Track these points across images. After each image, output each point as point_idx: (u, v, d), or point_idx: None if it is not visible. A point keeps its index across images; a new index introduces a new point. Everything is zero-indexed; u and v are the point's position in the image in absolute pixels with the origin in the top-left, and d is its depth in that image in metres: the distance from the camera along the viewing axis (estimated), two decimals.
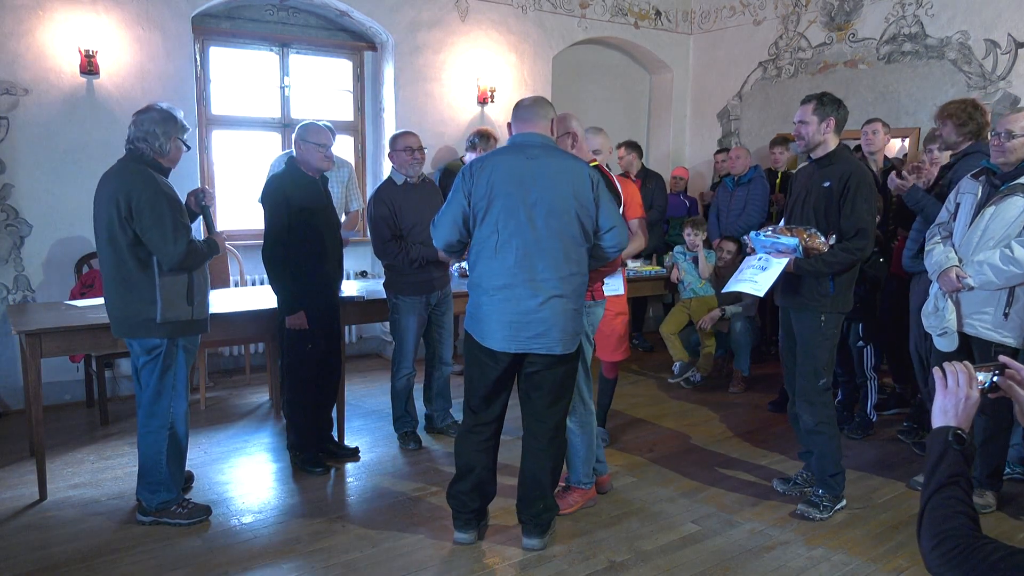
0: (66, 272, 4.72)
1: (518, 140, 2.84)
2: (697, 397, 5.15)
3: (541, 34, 6.36)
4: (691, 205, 6.60)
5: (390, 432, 4.27)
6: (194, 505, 3.24)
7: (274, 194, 3.51)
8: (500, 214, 2.71)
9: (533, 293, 2.72)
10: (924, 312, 3.50)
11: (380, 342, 6.23)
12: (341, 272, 3.84)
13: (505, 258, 2.73)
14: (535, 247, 2.70)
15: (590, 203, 2.75)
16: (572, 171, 2.75)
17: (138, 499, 3.20)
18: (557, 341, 2.77)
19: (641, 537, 3.12)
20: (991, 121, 3.91)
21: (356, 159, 6.07)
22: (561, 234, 2.72)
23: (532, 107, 2.86)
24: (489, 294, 2.77)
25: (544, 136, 2.83)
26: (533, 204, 2.69)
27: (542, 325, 2.73)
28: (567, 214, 2.71)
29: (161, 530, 3.13)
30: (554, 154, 2.79)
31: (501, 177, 2.72)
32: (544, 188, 2.70)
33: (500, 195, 2.71)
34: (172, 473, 3.17)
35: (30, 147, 4.55)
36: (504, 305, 2.74)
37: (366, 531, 3.16)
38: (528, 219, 2.70)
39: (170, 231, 2.91)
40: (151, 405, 3.10)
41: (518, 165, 2.73)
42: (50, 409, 4.46)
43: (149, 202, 2.89)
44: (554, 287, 2.72)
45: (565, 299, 2.76)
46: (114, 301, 3.01)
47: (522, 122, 2.86)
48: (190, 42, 5.01)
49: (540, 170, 2.72)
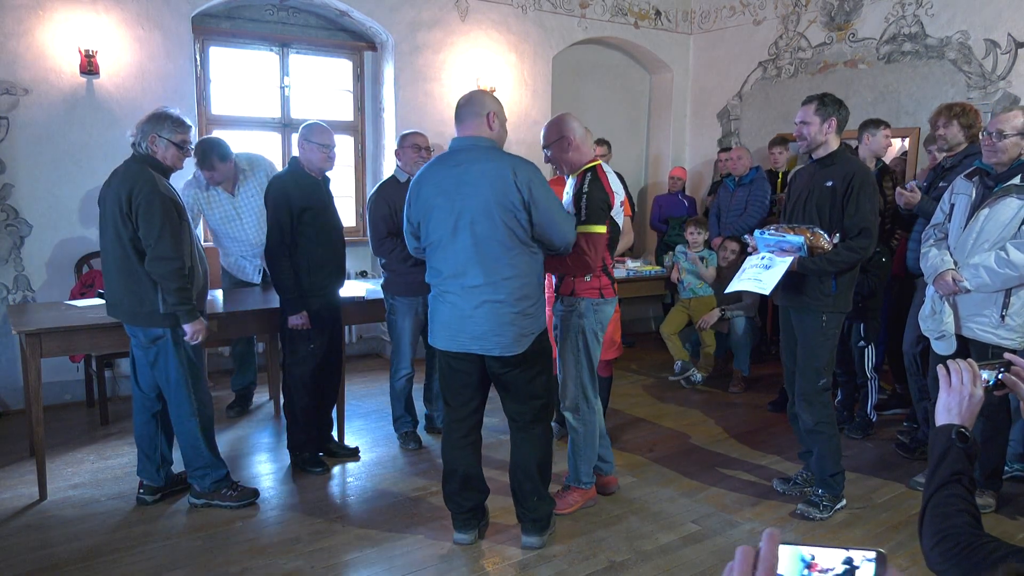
0: (66, 272, 4.72)
1: (452, 146, 2.85)
2: (697, 397, 5.15)
3: (541, 34, 6.36)
4: (690, 205, 6.60)
5: (390, 432, 4.27)
6: (243, 488, 3.40)
7: (277, 194, 3.51)
8: (432, 226, 2.79)
9: (466, 299, 2.76)
10: (921, 315, 3.50)
11: (380, 342, 6.23)
12: (343, 272, 3.84)
13: (440, 266, 2.81)
14: (464, 255, 2.73)
15: (517, 205, 2.68)
16: (494, 175, 2.69)
17: (190, 484, 3.36)
18: (495, 344, 2.78)
19: (641, 537, 3.12)
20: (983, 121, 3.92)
21: (356, 159, 6.07)
22: (488, 240, 2.71)
23: (464, 107, 2.83)
24: (435, 297, 2.88)
25: (475, 138, 2.79)
26: (459, 213, 2.72)
27: (477, 328, 2.77)
28: (490, 219, 2.69)
29: (161, 530, 3.13)
30: (479, 158, 2.73)
31: (430, 190, 2.78)
32: (467, 195, 2.70)
33: (432, 207, 2.77)
34: (213, 453, 3.33)
35: (30, 147, 4.55)
36: (443, 308, 2.83)
37: (366, 531, 3.16)
38: (455, 229, 2.73)
39: (156, 229, 3.01)
40: (176, 394, 3.22)
41: (444, 175, 2.77)
42: (50, 409, 4.46)
43: (145, 199, 3.00)
44: (486, 293, 2.74)
45: (501, 304, 2.74)
46: (121, 292, 3.12)
47: (457, 125, 2.86)
48: (190, 42, 5.01)
49: (463, 177, 2.72)
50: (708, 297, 5.36)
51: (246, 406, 4.75)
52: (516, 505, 3.03)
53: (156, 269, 3.03)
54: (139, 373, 3.31)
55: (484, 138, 2.80)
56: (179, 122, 3.12)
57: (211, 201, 4.23)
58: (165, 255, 3.02)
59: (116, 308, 3.18)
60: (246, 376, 4.72)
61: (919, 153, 5.40)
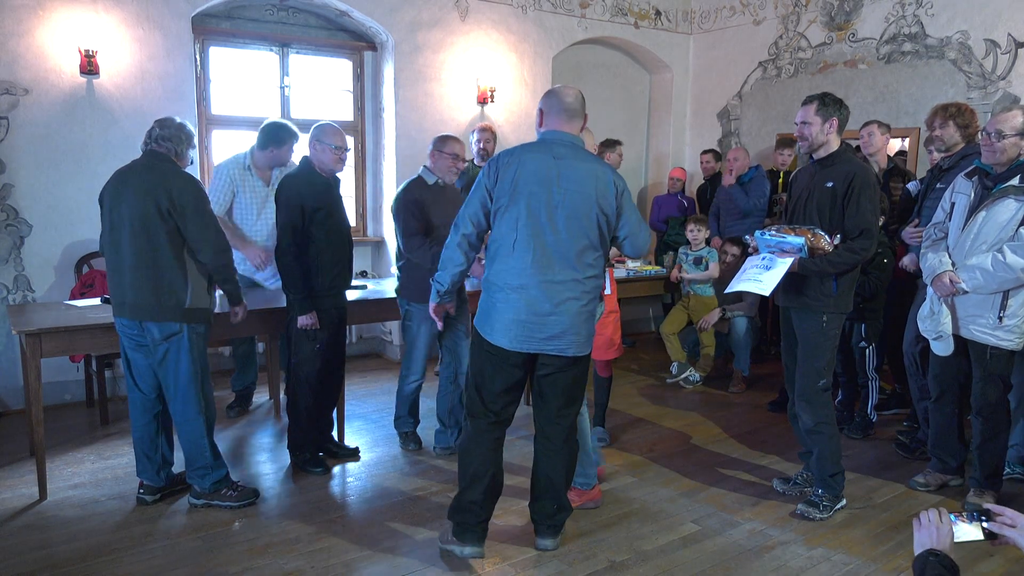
0: (66, 272, 4.72)
1: (548, 137, 2.77)
2: (697, 397, 5.15)
3: (541, 34, 6.36)
4: (688, 205, 6.61)
5: (390, 432, 4.27)
6: (243, 488, 3.40)
7: (288, 195, 3.50)
8: (521, 212, 2.67)
9: (549, 295, 2.68)
10: (920, 316, 3.50)
11: (380, 342, 6.23)
12: (351, 273, 3.82)
13: (523, 257, 2.68)
14: (554, 249, 2.66)
15: (612, 210, 2.72)
16: (598, 176, 2.70)
17: (190, 484, 3.35)
18: (571, 343, 2.74)
19: (641, 537, 3.12)
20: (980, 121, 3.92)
21: (356, 159, 6.07)
22: (581, 237, 2.68)
23: (574, 106, 2.77)
24: (504, 292, 2.71)
25: (575, 136, 2.77)
26: (556, 205, 2.65)
27: (557, 327, 2.70)
28: (588, 218, 2.68)
29: (161, 530, 3.13)
30: (581, 156, 2.73)
31: (526, 175, 2.67)
32: (568, 190, 2.66)
33: (523, 193, 2.66)
34: (215, 452, 3.35)
35: (30, 147, 4.55)
36: (519, 305, 2.69)
37: (366, 531, 3.16)
38: (549, 220, 2.66)
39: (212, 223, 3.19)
40: (186, 392, 3.23)
41: (544, 164, 2.68)
42: (50, 409, 4.47)
43: (193, 196, 3.12)
44: (570, 290, 2.69)
45: (580, 302, 2.73)
46: (141, 286, 3.13)
47: (558, 118, 2.77)
48: (190, 42, 5.01)
49: (566, 171, 2.67)
50: (708, 297, 5.36)
51: (246, 406, 4.75)
52: (534, 510, 2.99)
53: (218, 261, 3.20)
54: (139, 375, 3.30)
55: (581, 139, 2.80)
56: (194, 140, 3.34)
57: (245, 183, 4.20)
58: (223, 247, 3.21)
59: (129, 307, 3.16)
60: (247, 376, 4.72)
61: (919, 153, 5.40)
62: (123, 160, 3.34)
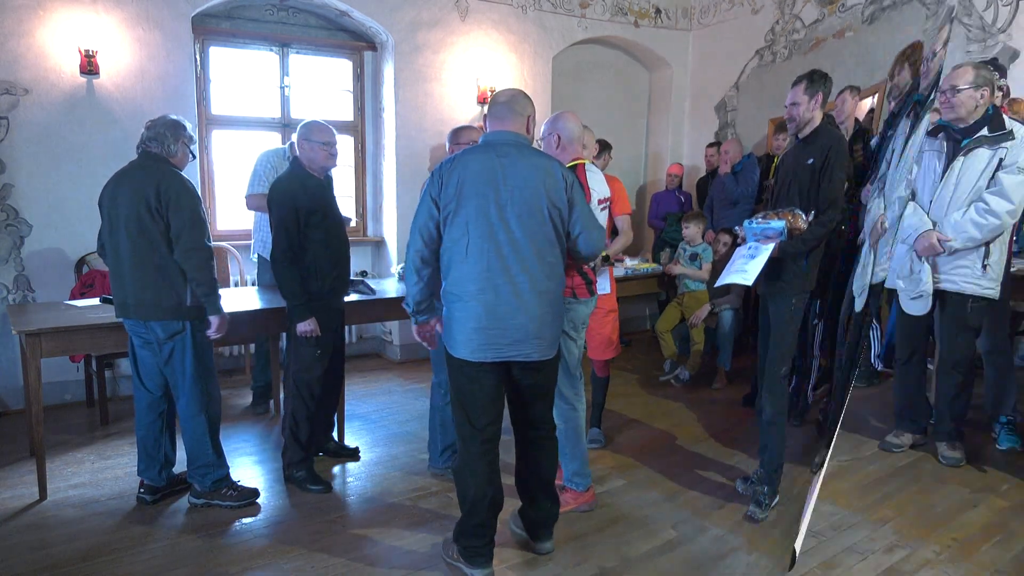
0: (66, 272, 4.72)
1: (490, 138, 2.71)
2: (686, 396, 5.13)
3: (541, 34, 6.36)
4: (686, 201, 6.62)
5: (390, 432, 4.27)
6: (243, 488, 3.41)
7: (281, 198, 3.37)
8: (470, 214, 2.56)
9: (508, 298, 2.57)
10: (898, 276, 3.49)
11: (380, 342, 6.24)
12: (349, 275, 3.72)
13: (477, 261, 2.57)
14: (508, 249, 2.56)
15: (563, 203, 2.63)
16: (545, 169, 2.62)
17: (189, 483, 3.36)
18: (535, 348, 2.65)
19: (628, 543, 3.08)
20: None
21: (356, 159, 6.07)
22: (535, 235, 2.59)
23: (506, 104, 2.72)
24: (463, 301, 2.60)
25: (517, 134, 2.70)
26: (504, 204, 2.56)
27: (519, 332, 2.60)
28: (540, 213, 2.59)
29: (161, 530, 3.14)
30: (526, 152, 2.65)
31: (471, 176, 2.58)
32: (516, 187, 2.57)
33: (470, 195, 2.57)
34: (217, 451, 3.36)
35: (30, 147, 4.56)
36: (478, 311, 2.58)
37: (366, 531, 3.16)
38: (500, 219, 2.56)
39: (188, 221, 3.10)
40: (191, 390, 3.24)
41: (488, 163, 2.59)
42: (50, 409, 4.47)
43: (175, 192, 3.09)
44: (529, 291, 2.59)
45: (541, 304, 2.62)
46: (143, 286, 3.14)
47: (495, 120, 2.73)
48: (190, 42, 5.01)
49: (511, 168, 2.59)
50: (701, 292, 5.36)
51: (264, 405, 4.74)
52: (527, 513, 2.96)
53: (189, 260, 3.11)
54: (145, 374, 3.31)
55: (525, 136, 2.74)
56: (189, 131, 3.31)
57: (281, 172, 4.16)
58: (197, 245, 3.12)
59: (132, 307, 3.16)
60: (265, 374, 4.73)
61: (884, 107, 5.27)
62: (123, 160, 3.34)
